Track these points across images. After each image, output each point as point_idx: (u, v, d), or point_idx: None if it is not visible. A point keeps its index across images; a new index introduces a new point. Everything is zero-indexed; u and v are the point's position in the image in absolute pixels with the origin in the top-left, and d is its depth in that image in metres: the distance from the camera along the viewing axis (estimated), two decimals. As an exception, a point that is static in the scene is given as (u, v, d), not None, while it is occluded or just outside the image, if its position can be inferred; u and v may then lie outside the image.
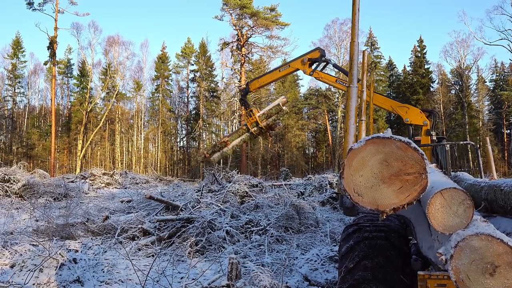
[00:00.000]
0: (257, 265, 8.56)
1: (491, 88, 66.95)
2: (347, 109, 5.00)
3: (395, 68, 70.50)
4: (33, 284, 6.50)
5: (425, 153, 8.51)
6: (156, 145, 70.72)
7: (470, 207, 2.85)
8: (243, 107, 15.63)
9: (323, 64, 14.20)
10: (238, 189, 14.02)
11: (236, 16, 52.58)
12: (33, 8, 46.94)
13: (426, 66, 65.13)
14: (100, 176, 29.74)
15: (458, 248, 2.66)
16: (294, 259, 9.40)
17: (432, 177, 3.48)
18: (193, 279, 7.72)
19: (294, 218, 11.96)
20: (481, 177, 8.09)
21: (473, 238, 2.65)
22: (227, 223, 11.30)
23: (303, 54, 14.76)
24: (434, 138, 11.54)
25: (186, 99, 71.22)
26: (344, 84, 12.98)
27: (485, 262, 2.62)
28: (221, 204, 12.66)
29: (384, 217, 2.94)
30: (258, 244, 10.42)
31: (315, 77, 14.47)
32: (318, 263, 8.80)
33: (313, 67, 14.25)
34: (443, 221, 2.88)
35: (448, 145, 10.79)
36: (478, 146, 8.52)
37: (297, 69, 14.71)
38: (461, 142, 10.32)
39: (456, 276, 2.66)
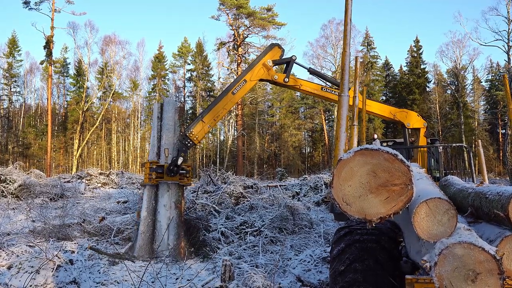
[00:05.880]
0: (251, 266, 8.67)
1: (487, 88, 67.28)
2: (338, 117, 5.09)
3: (392, 68, 70.69)
4: (30, 286, 6.57)
5: (422, 154, 8.59)
6: (153, 144, 70.49)
7: (453, 217, 2.96)
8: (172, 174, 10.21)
9: (288, 66, 11.01)
10: (233, 190, 14.10)
11: (233, 16, 52.62)
12: (29, 7, 46.71)
13: (422, 66, 65.28)
14: (97, 176, 29.70)
15: (441, 256, 2.76)
16: (288, 260, 9.51)
17: (420, 185, 3.59)
18: (188, 279, 7.81)
19: (289, 219, 12.07)
20: (473, 181, 8.20)
21: (456, 246, 2.75)
22: (222, 224, 11.40)
23: (259, 57, 11.18)
24: (428, 140, 11.70)
25: (182, 99, 71.15)
26: (332, 92, 11.17)
27: (467, 269, 2.73)
28: (216, 205, 12.75)
29: (372, 226, 3.04)
30: (253, 245, 10.53)
31: (290, 86, 11.08)
32: (312, 264, 8.91)
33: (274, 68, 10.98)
34: (428, 230, 2.99)
35: (441, 147, 10.91)
36: (471, 148, 8.61)
37: (259, 81, 11.20)
38: (454, 144, 10.42)
39: (440, 282, 2.77)
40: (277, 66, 11.91)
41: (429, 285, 3.43)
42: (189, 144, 10.48)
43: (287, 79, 10.86)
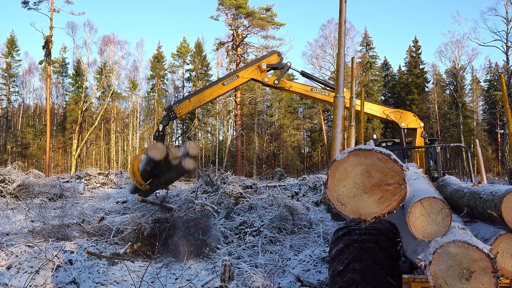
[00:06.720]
0: (250, 266, 8.69)
1: (486, 88, 67.31)
2: (334, 118, 5.11)
3: (390, 68, 70.67)
4: (30, 286, 6.59)
5: (419, 154, 8.63)
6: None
7: (448, 216, 3.00)
8: (155, 141, 11.32)
9: (281, 70, 11.74)
10: (232, 190, 14.12)
11: (232, 16, 52.60)
12: (28, 7, 46.63)
13: (421, 66, 65.29)
14: (95, 176, 29.68)
15: (436, 255, 2.80)
16: (287, 260, 9.54)
17: (415, 184, 3.63)
18: (188, 280, 7.83)
19: (288, 219, 12.09)
20: (471, 181, 8.22)
21: (450, 245, 2.79)
22: (221, 225, 11.43)
23: (257, 59, 12.40)
24: (427, 140, 11.69)
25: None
26: (322, 92, 11.78)
27: (461, 268, 2.77)
28: (215, 206, 12.78)
29: (366, 225, 3.08)
30: (252, 245, 10.55)
31: (280, 87, 11.92)
32: (311, 264, 8.95)
33: (269, 74, 11.90)
34: (422, 229, 3.03)
35: (439, 147, 10.91)
36: (468, 148, 8.63)
37: (250, 79, 11.88)
38: (452, 144, 10.39)
39: (435, 281, 2.81)
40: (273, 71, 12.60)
41: (426, 284, 3.47)
42: (171, 116, 11.69)
43: (277, 82, 11.60)
